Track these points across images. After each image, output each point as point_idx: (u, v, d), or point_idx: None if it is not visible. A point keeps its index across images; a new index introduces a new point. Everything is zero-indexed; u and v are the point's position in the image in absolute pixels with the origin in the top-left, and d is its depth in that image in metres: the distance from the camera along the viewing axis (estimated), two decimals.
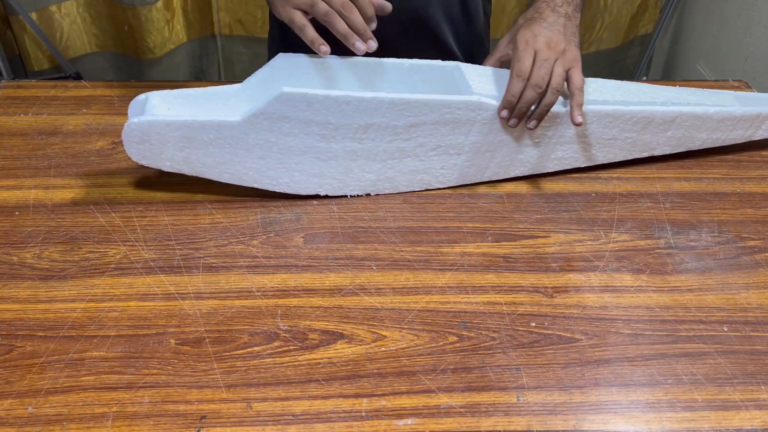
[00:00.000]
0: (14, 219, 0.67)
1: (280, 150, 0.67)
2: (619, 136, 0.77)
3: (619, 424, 0.52)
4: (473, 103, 0.68)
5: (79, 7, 1.82)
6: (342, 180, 0.71)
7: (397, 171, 0.71)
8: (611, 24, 1.99)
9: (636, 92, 0.80)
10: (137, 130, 0.64)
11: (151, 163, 0.66)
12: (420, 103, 0.66)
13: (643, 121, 0.76)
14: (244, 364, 0.54)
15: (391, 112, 0.66)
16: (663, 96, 0.80)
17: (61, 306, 0.58)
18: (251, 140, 0.66)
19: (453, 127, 0.69)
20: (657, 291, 0.63)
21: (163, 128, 0.64)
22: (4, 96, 0.86)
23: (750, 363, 0.57)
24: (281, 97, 0.63)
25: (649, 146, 0.79)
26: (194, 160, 0.67)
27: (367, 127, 0.67)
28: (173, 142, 0.65)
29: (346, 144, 0.68)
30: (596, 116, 0.74)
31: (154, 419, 0.50)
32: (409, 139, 0.69)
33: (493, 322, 0.59)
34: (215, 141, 0.65)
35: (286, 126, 0.65)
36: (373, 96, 0.65)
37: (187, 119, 0.64)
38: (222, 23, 1.91)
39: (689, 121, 0.78)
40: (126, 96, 0.87)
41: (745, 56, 1.65)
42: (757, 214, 0.74)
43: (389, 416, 0.51)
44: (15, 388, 0.51)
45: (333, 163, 0.69)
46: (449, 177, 0.74)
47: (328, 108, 0.65)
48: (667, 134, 0.78)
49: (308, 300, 0.60)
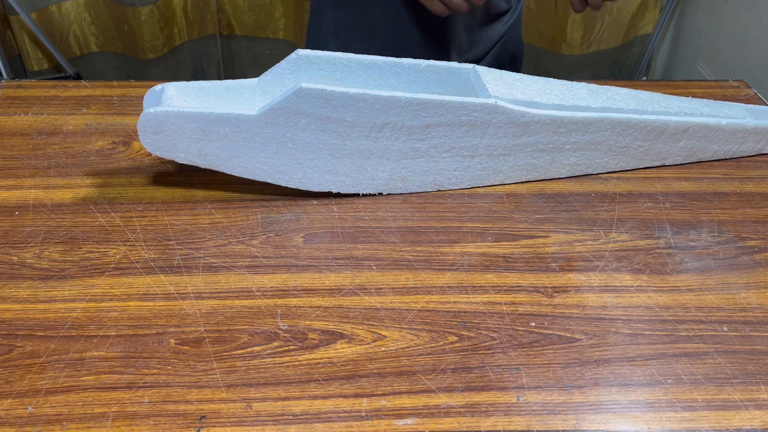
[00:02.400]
0: (14, 219, 0.67)
1: (295, 146, 0.67)
2: (632, 145, 0.77)
3: (619, 423, 0.52)
4: (489, 106, 0.68)
5: (79, 7, 1.82)
6: (355, 178, 0.71)
7: (410, 171, 0.72)
8: (611, 24, 1.99)
9: (649, 101, 0.80)
10: (153, 121, 0.64)
11: (165, 154, 0.66)
12: (437, 103, 0.67)
13: (656, 131, 0.76)
14: (244, 364, 0.54)
15: (408, 112, 0.67)
16: (676, 106, 0.80)
17: (61, 306, 0.58)
18: (267, 135, 0.66)
19: (468, 129, 0.69)
20: (657, 291, 0.63)
21: (179, 119, 0.64)
22: (4, 96, 0.86)
23: (750, 363, 0.57)
24: (299, 93, 0.63)
25: (660, 156, 0.79)
26: (208, 153, 0.67)
27: (382, 125, 0.67)
28: (188, 133, 0.65)
29: (361, 142, 0.68)
30: (611, 124, 0.74)
31: (154, 419, 0.50)
32: (423, 140, 0.69)
33: (493, 322, 0.59)
34: (231, 134, 0.65)
35: (302, 122, 0.65)
36: (390, 95, 0.65)
37: (203, 111, 0.64)
38: (222, 23, 1.91)
39: (702, 131, 0.78)
40: (126, 96, 0.87)
41: (745, 56, 1.65)
42: (757, 214, 0.74)
43: (389, 416, 0.51)
44: (15, 388, 0.51)
45: (347, 161, 0.69)
46: (461, 179, 0.74)
47: (345, 105, 0.65)
48: (679, 144, 0.79)
49: (308, 300, 0.60)
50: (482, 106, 0.68)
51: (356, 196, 0.72)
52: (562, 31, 1.97)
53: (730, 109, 0.84)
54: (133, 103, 0.86)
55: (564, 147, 0.74)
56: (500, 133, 0.71)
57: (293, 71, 0.73)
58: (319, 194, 0.72)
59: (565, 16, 1.94)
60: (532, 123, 0.71)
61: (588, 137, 0.74)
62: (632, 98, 0.80)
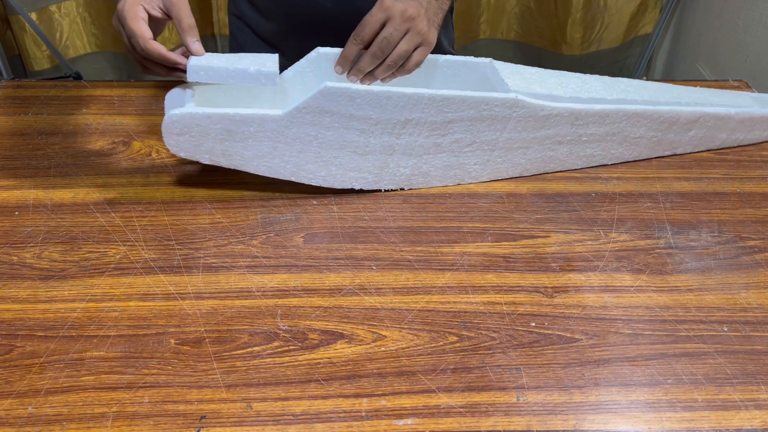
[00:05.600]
0: (14, 219, 0.67)
1: (319, 144, 0.68)
2: (646, 135, 0.79)
3: (619, 423, 0.52)
4: (511, 100, 0.69)
5: (79, 7, 1.82)
6: (378, 174, 0.72)
7: (431, 166, 0.72)
8: (611, 24, 1.99)
9: (660, 92, 0.82)
10: (178, 122, 0.64)
11: (189, 155, 0.66)
12: (459, 99, 0.68)
13: (669, 121, 0.78)
14: (244, 364, 0.54)
15: (430, 108, 0.67)
16: (686, 97, 0.82)
17: (61, 306, 0.58)
18: (292, 134, 0.66)
19: (489, 123, 0.70)
20: (657, 291, 0.63)
21: (204, 120, 0.64)
22: (4, 96, 0.86)
23: (750, 363, 0.57)
24: (325, 92, 0.64)
25: (672, 145, 0.81)
26: (233, 153, 0.67)
27: (405, 122, 0.68)
28: (214, 134, 0.65)
29: (384, 139, 0.69)
30: (626, 115, 0.76)
31: (154, 419, 0.50)
32: (445, 135, 0.70)
33: (493, 322, 0.59)
34: (256, 134, 0.66)
35: (327, 120, 0.66)
36: (413, 92, 0.66)
37: (228, 111, 0.64)
38: (222, 23, 1.91)
39: (712, 121, 0.80)
40: (126, 96, 0.87)
41: (745, 56, 1.65)
42: (757, 214, 0.74)
43: (389, 416, 0.51)
44: (15, 388, 0.51)
45: (370, 158, 0.70)
46: (482, 172, 0.75)
47: (369, 103, 0.65)
48: (690, 134, 0.81)
49: (308, 300, 0.60)
50: (503, 101, 0.69)
51: (356, 196, 0.72)
52: (562, 31, 1.96)
53: (737, 98, 0.86)
54: (133, 103, 0.86)
55: (581, 139, 0.76)
56: (520, 127, 0.72)
57: (314, 69, 0.74)
58: (319, 194, 0.72)
59: (565, 16, 1.94)
60: (551, 116, 0.72)
61: (604, 129, 0.76)
62: (644, 89, 0.81)
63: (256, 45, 0.94)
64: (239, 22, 0.95)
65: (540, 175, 0.78)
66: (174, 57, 0.66)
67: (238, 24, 0.95)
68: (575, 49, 2.01)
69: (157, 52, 0.65)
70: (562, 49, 2.02)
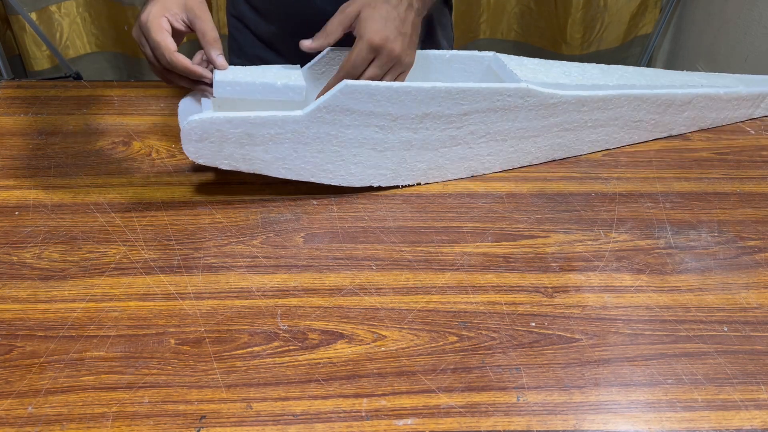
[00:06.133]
0: (14, 219, 0.67)
1: (339, 143, 0.68)
2: (645, 118, 0.82)
3: (619, 424, 0.52)
4: (522, 90, 0.71)
5: (79, 7, 1.82)
6: (395, 170, 0.72)
7: (447, 159, 0.73)
8: (611, 24, 1.99)
9: (654, 77, 0.85)
10: (198, 128, 0.63)
11: (208, 162, 0.66)
12: (474, 91, 0.69)
13: (665, 103, 0.82)
14: (244, 364, 0.54)
15: (447, 101, 0.68)
16: (679, 80, 0.86)
17: (61, 306, 0.58)
18: (311, 134, 0.66)
19: (502, 113, 0.72)
20: (657, 291, 0.63)
21: (224, 125, 0.64)
22: (4, 96, 0.86)
23: (750, 363, 0.57)
24: (345, 90, 0.64)
25: (668, 127, 0.85)
26: (253, 157, 0.67)
27: (423, 116, 0.69)
28: (234, 138, 0.65)
29: (402, 134, 0.69)
30: (627, 100, 0.79)
31: (154, 419, 0.50)
32: (461, 127, 0.71)
33: (493, 322, 0.59)
34: (277, 136, 0.66)
35: (347, 118, 0.66)
36: (431, 86, 0.67)
37: (248, 115, 0.64)
38: (222, 23, 1.91)
39: (703, 102, 0.85)
40: (126, 96, 0.87)
41: (744, 56, 1.66)
42: (757, 214, 0.74)
43: (389, 416, 0.51)
44: (15, 388, 0.51)
45: (389, 154, 0.70)
46: (494, 163, 0.77)
47: (389, 99, 0.66)
48: (684, 115, 0.85)
49: (308, 300, 0.60)
50: (516, 91, 0.71)
51: (355, 196, 0.72)
52: (562, 31, 1.97)
53: (723, 79, 0.90)
54: (133, 103, 0.86)
55: (586, 125, 0.78)
56: (531, 116, 0.74)
57: (325, 70, 0.75)
58: (319, 194, 0.72)
59: (565, 16, 1.94)
60: (559, 104, 0.74)
61: (607, 114, 0.79)
62: (639, 75, 0.85)
63: (255, 45, 0.94)
64: (238, 23, 0.95)
65: (540, 175, 0.78)
66: (199, 70, 0.66)
67: (237, 25, 0.96)
68: (575, 49, 2.01)
69: (183, 65, 0.65)
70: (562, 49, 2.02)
